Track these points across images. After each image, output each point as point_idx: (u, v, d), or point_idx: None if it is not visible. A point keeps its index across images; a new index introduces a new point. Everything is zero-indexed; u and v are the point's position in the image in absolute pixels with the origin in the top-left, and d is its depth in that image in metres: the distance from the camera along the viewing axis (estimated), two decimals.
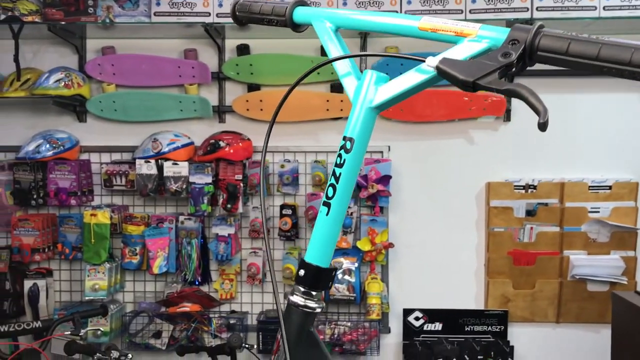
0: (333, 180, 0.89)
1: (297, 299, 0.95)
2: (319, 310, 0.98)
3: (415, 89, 0.85)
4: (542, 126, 0.70)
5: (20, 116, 3.07)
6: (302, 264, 0.95)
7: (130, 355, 2.39)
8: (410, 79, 0.85)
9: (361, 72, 0.93)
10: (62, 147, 2.89)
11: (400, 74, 0.86)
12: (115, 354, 2.33)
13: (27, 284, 2.93)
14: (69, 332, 2.35)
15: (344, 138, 0.89)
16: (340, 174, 0.89)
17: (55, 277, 3.05)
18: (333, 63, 0.94)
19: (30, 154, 2.84)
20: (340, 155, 0.89)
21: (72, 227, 2.95)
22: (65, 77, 2.81)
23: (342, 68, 0.95)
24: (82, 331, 2.36)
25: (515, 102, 2.93)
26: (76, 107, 2.99)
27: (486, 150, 2.97)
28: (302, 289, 0.95)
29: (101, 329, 2.69)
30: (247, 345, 2.51)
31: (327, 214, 0.90)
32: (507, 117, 2.95)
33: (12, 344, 2.30)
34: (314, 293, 0.95)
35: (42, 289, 2.94)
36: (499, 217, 2.93)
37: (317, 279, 0.94)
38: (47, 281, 2.97)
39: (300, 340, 0.95)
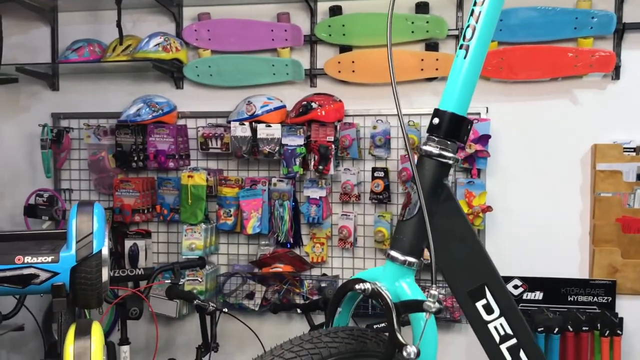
0: (471, 21, 0.83)
1: (431, 148, 0.89)
2: (453, 161, 0.91)
3: None
4: None
5: (121, 83, 3.19)
6: (436, 112, 0.89)
7: (225, 310, 2.44)
8: None
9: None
10: (161, 111, 2.98)
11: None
12: (212, 304, 2.37)
13: (128, 243, 3.05)
14: (169, 281, 2.43)
15: None
16: (480, 12, 0.82)
17: (153, 239, 3.15)
18: None
19: (132, 117, 2.95)
20: None
21: (170, 189, 3.04)
22: (164, 41, 2.89)
23: None
24: (181, 281, 2.42)
25: (625, 57, 2.74)
26: (174, 73, 3.07)
27: (592, 110, 2.79)
28: (435, 138, 0.89)
29: (199, 278, 2.74)
30: None
31: (464, 57, 0.84)
32: (616, 75, 2.75)
33: (114, 288, 2.38)
34: (448, 142, 0.89)
35: (141, 249, 3.04)
36: (606, 181, 2.74)
37: (452, 126, 0.87)
38: (146, 242, 3.07)
39: (434, 192, 0.89)
